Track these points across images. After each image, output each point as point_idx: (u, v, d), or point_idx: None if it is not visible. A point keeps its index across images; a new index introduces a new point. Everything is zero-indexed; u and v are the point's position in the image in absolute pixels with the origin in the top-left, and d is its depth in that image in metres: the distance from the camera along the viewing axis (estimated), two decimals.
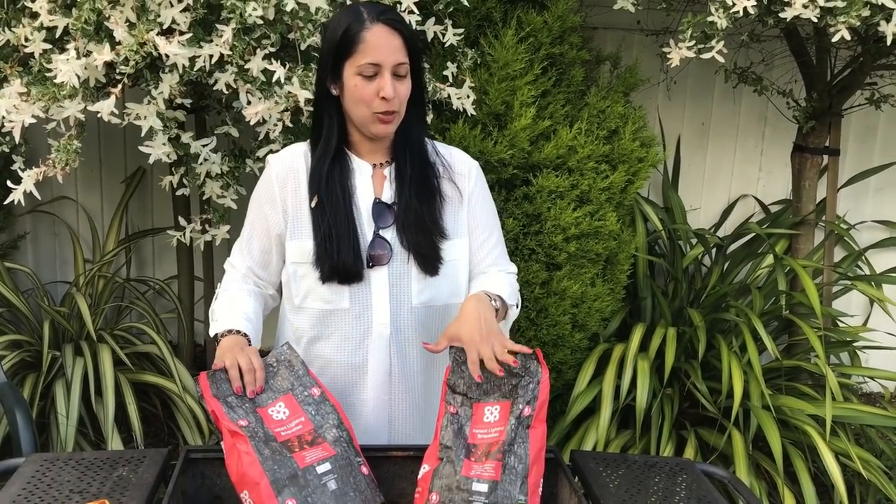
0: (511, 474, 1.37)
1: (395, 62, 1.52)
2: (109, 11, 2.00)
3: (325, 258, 1.59)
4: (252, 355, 1.46)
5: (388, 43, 1.52)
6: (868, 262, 3.52)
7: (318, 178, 1.61)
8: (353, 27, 1.52)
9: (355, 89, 1.54)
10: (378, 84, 1.52)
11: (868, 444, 2.98)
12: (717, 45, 2.34)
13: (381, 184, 1.65)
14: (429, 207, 1.64)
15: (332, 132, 1.62)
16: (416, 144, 1.66)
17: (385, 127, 1.57)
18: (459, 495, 1.35)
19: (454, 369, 1.44)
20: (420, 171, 1.64)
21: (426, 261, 1.63)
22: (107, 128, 3.48)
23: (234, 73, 2.12)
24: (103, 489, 1.34)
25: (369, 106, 1.54)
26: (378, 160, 1.66)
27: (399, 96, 1.54)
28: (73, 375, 2.79)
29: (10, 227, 3.63)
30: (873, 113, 3.32)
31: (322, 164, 1.61)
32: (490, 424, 1.40)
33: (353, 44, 1.52)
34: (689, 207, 3.61)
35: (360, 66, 1.52)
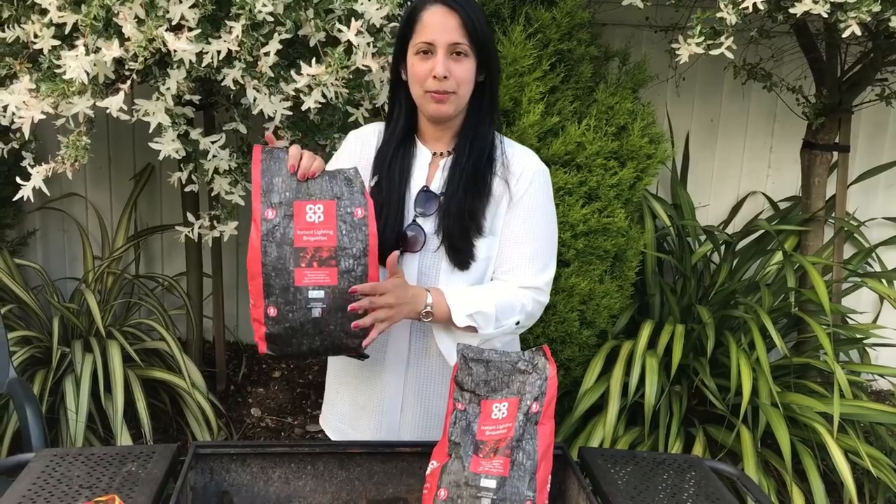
0: (519, 470, 1.37)
1: (448, 41, 1.53)
2: (118, 7, 2.00)
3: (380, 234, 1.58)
4: (316, 157, 1.46)
5: (443, 22, 1.53)
6: (878, 258, 3.51)
7: (382, 160, 1.64)
8: (416, 9, 1.56)
9: (412, 68, 1.57)
10: (431, 63, 1.54)
11: (878, 441, 2.97)
12: (726, 42, 2.33)
13: (433, 173, 1.66)
14: (472, 201, 1.63)
15: (400, 116, 1.64)
16: (478, 137, 1.64)
17: (438, 107, 1.56)
18: (468, 491, 1.35)
19: (462, 367, 1.44)
20: (474, 164, 1.64)
21: (457, 254, 1.63)
22: (116, 124, 3.49)
23: (242, 69, 2.12)
24: (113, 484, 1.34)
25: (423, 84, 1.55)
26: (440, 149, 1.66)
27: (454, 76, 1.54)
28: (82, 371, 2.81)
29: (19, 223, 3.64)
30: (884, 109, 3.31)
31: (388, 146, 1.64)
32: (498, 421, 1.40)
33: (414, 24, 1.56)
34: (697, 204, 3.60)
35: (416, 44, 1.55)
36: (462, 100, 1.58)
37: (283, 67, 2.23)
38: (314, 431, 3.32)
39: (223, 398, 3.40)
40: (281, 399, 3.51)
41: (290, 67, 2.24)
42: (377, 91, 2.29)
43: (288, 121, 2.37)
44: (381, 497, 1.53)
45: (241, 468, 1.49)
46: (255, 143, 1.67)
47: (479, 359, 1.43)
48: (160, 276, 3.55)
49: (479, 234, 1.63)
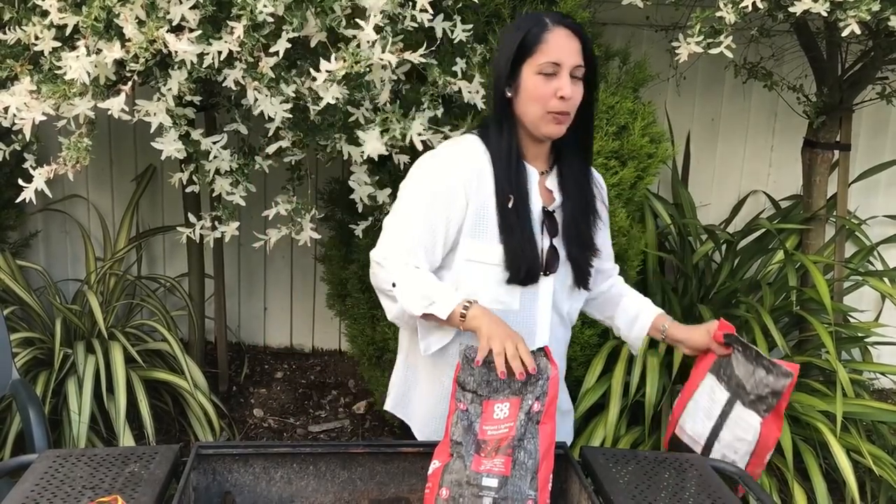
0: (521, 469, 1.37)
1: (573, 64, 1.57)
2: (119, 9, 2.01)
3: (522, 260, 1.62)
4: (518, 342, 1.44)
5: (569, 45, 1.57)
6: (880, 257, 3.50)
7: (510, 181, 1.63)
8: (535, 29, 1.58)
9: (534, 88, 1.58)
10: (556, 84, 1.56)
11: (880, 440, 2.96)
12: (725, 41, 2.33)
13: (545, 192, 1.69)
14: (587, 223, 1.72)
15: (511, 136, 1.65)
16: (582, 158, 1.71)
17: (557, 127, 1.60)
18: (469, 490, 1.35)
19: (464, 367, 1.44)
20: (583, 186, 1.70)
21: (582, 275, 1.72)
22: (117, 126, 3.49)
23: (243, 69, 2.12)
24: (115, 485, 1.35)
25: (544, 105, 1.57)
26: (541, 167, 1.69)
27: (574, 99, 1.58)
28: (84, 372, 2.81)
29: (21, 225, 3.65)
30: (884, 108, 3.30)
31: (510, 166, 1.64)
32: (500, 421, 1.40)
33: (535, 44, 1.57)
34: (699, 203, 3.60)
35: (540, 64, 1.57)
36: (570, 121, 1.62)
37: (284, 68, 2.23)
38: (316, 432, 3.33)
39: (225, 399, 3.40)
40: (283, 399, 3.52)
41: (290, 68, 2.25)
42: (377, 91, 2.29)
43: (289, 121, 2.37)
44: (382, 497, 1.53)
45: (243, 469, 1.49)
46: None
47: (482, 359, 1.43)
48: (162, 277, 3.55)
49: (595, 255, 1.75)
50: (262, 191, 3.28)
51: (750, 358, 1.69)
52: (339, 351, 3.88)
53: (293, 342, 3.90)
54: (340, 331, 3.79)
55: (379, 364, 2.94)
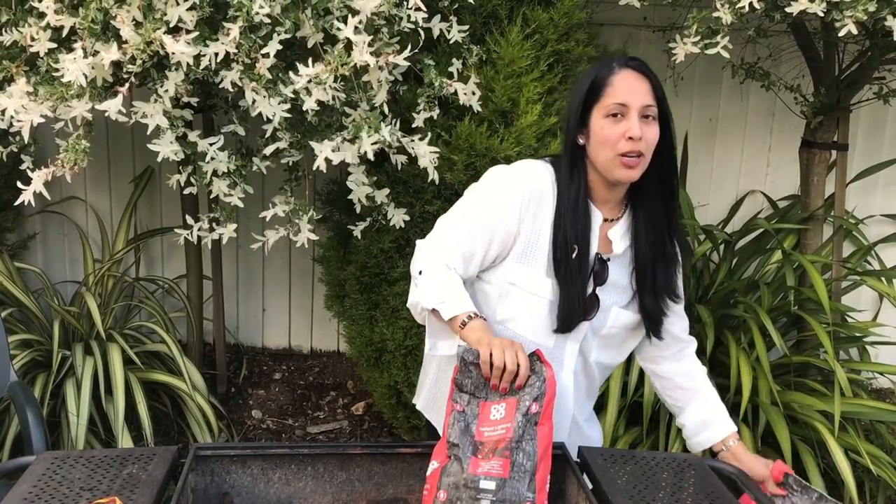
0: (519, 471, 1.37)
1: (642, 104, 1.54)
2: (116, 10, 2.01)
3: (571, 312, 1.61)
4: (519, 352, 1.43)
5: (636, 85, 1.55)
6: (877, 256, 3.51)
7: (576, 231, 1.61)
8: (602, 73, 1.57)
9: (601, 131, 1.55)
10: (625, 125, 1.54)
11: (878, 439, 2.97)
12: (722, 41, 2.33)
13: (604, 239, 1.66)
14: (663, 269, 1.67)
15: (580, 183, 1.62)
16: (663, 201, 1.65)
17: (628, 172, 1.56)
18: (467, 493, 1.35)
19: (461, 369, 1.44)
20: (661, 231, 1.65)
21: (655, 325, 1.70)
22: (115, 127, 3.49)
23: (241, 71, 2.13)
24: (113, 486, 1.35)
25: (614, 148, 1.54)
26: (609, 214, 1.66)
27: (646, 139, 1.54)
28: (83, 374, 2.81)
29: (19, 227, 3.65)
30: (882, 108, 3.31)
31: (576, 214, 1.61)
32: (496, 422, 1.40)
33: (602, 87, 1.56)
34: (696, 203, 3.60)
35: (607, 107, 1.55)
36: (646, 164, 1.58)
37: (282, 69, 2.23)
38: (315, 433, 3.32)
39: (224, 400, 3.40)
40: (282, 401, 3.52)
41: (288, 69, 2.25)
42: (374, 92, 2.30)
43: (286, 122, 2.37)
44: (381, 498, 1.53)
45: (241, 470, 1.49)
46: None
47: (478, 362, 1.43)
48: (160, 278, 3.55)
49: (676, 303, 1.72)
50: (260, 192, 3.28)
51: (811, 499, 1.67)
52: (337, 352, 3.88)
53: (291, 343, 3.89)
54: (339, 332, 3.79)
55: (377, 365, 2.94)
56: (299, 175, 2.63)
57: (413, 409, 2.80)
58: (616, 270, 1.67)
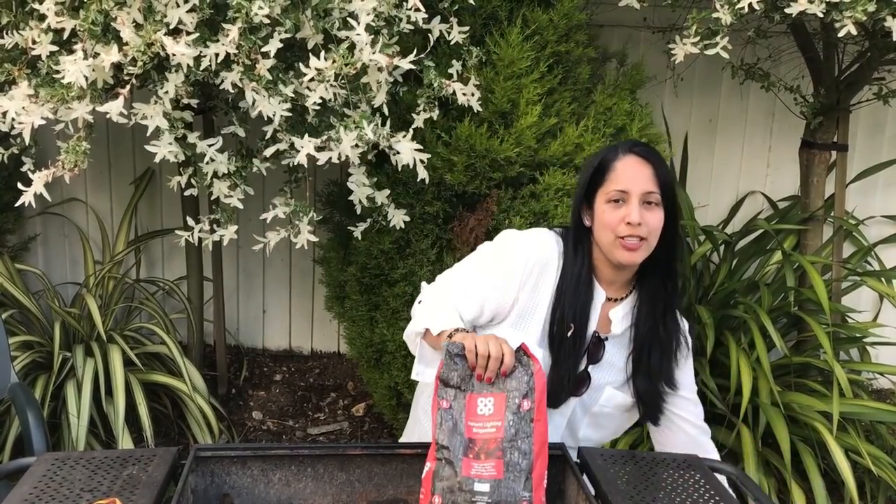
0: (514, 471, 1.37)
1: (643, 190, 1.56)
2: (116, 12, 2.01)
3: (560, 388, 1.63)
4: (503, 343, 1.43)
5: (638, 172, 1.57)
6: (877, 257, 3.51)
7: (574, 308, 1.63)
8: (607, 158, 1.61)
9: (603, 215, 1.59)
10: (625, 210, 1.56)
11: (878, 440, 2.97)
12: (721, 41, 2.34)
13: (605, 318, 1.67)
14: (667, 360, 1.68)
15: (584, 263, 1.64)
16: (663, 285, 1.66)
17: (629, 254, 1.58)
18: (462, 496, 1.35)
19: (447, 363, 1.42)
20: (660, 315, 1.66)
21: (651, 410, 1.70)
22: (115, 129, 3.49)
23: (241, 72, 2.13)
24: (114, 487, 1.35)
25: (614, 231, 1.57)
26: (613, 294, 1.68)
27: (647, 224, 1.57)
28: (83, 376, 2.81)
29: (20, 228, 3.65)
30: (882, 108, 3.31)
31: (578, 292, 1.63)
32: (485, 418, 1.39)
33: (606, 172, 1.60)
34: (696, 204, 3.60)
35: (608, 192, 1.58)
36: (650, 248, 1.60)
37: (282, 70, 2.23)
38: (315, 434, 3.33)
39: (224, 401, 3.40)
40: (282, 402, 3.52)
41: (288, 70, 2.25)
42: (374, 93, 2.30)
43: (286, 123, 2.37)
44: (381, 499, 1.53)
45: (241, 471, 1.50)
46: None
47: (464, 354, 1.41)
48: (161, 280, 3.55)
49: (673, 390, 1.70)
50: (261, 193, 3.29)
51: None
52: (337, 353, 3.88)
53: (292, 345, 3.90)
54: (339, 333, 3.79)
55: (377, 366, 2.94)
56: (299, 176, 2.63)
57: None
58: (613, 350, 1.69)
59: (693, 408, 1.76)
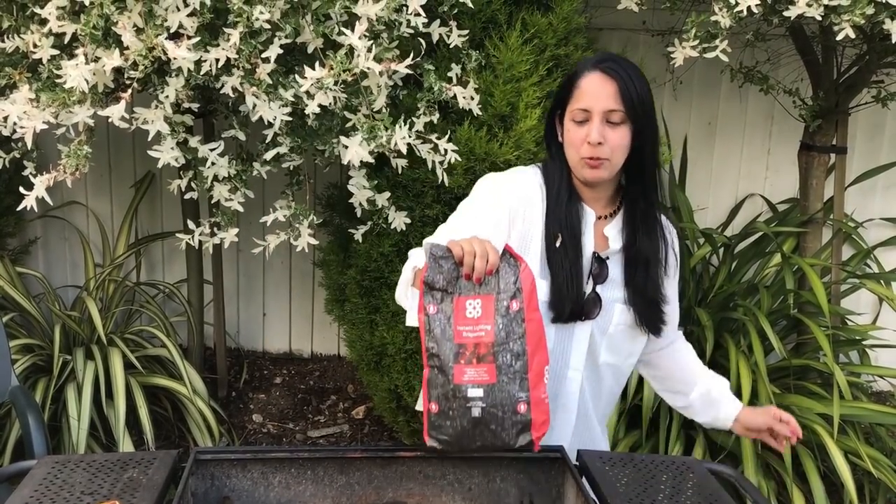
0: (508, 373, 1.36)
1: (604, 108, 1.54)
2: (117, 17, 2.02)
3: (567, 300, 1.60)
4: (488, 244, 1.39)
5: (601, 89, 1.54)
6: (876, 260, 3.51)
7: (560, 219, 1.62)
8: (575, 74, 1.58)
9: (568, 134, 1.58)
10: (587, 129, 1.54)
11: (878, 442, 2.97)
12: (720, 45, 2.34)
13: (601, 237, 1.66)
14: (656, 274, 1.67)
15: (562, 176, 1.63)
16: (647, 200, 1.65)
17: (592, 172, 1.57)
18: (457, 402, 1.35)
19: (431, 266, 1.37)
20: (647, 233, 1.65)
21: (651, 324, 1.69)
22: (116, 133, 3.50)
23: (241, 76, 2.14)
24: (114, 490, 1.35)
25: (578, 151, 1.56)
26: (600, 211, 1.66)
27: (609, 143, 1.54)
28: (84, 379, 2.82)
29: (21, 232, 3.66)
30: (880, 111, 3.32)
31: (560, 204, 1.62)
32: (474, 321, 1.37)
33: (572, 90, 1.57)
34: (696, 207, 3.61)
35: (572, 111, 1.56)
36: (615, 166, 1.58)
37: (282, 74, 2.24)
38: (316, 437, 3.33)
39: (225, 404, 3.41)
40: (282, 405, 3.52)
41: (288, 74, 2.26)
42: (374, 97, 2.31)
43: (286, 126, 2.38)
44: (380, 501, 1.53)
45: (241, 474, 1.50)
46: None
47: (448, 255, 1.38)
48: (161, 283, 3.56)
49: (665, 303, 1.70)
50: (261, 196, 3.29)
51: None
52: (337, 356, 3.88)
53: (292, 347, 3.90)
54: (339, 336, 3.80)
55: (378, 369, 2.94)
56: (300, 179, 2.63)
57: (413, 412, 2.81)
58: (616, 268, 1.67)
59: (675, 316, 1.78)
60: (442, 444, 1.40)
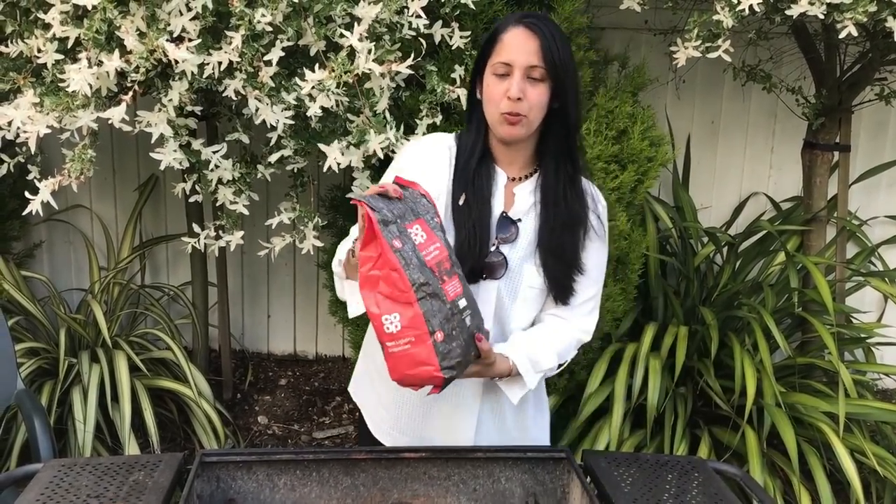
0: (463, 278, 1.44)
1: (526, 64, 1.52)
2: (120, 21, 2.03)
3: (468, 257, 1.58)
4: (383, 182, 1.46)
5: (523, 44, 1.52)
6: (881, 257, 3.51)
7: (466, 178, 1.61)
8: (499, 29, 1.56)
9: (488, 88, 1.56)
10: (507, 84, 1.53)
11: (884, 440, 2.96)
12: (723, 44, 2.34)
13: (510, 197, 1.65)
14: (572, 237, 1.63)
15: (478, 136, 1.63)
16: (566, 163, 1.63)
17: (509, 129, 1.56)
18: (456, 319, 1.38)
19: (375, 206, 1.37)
20: (564, 196, 1.63)
21: (560, 289, 1.65)
22: (120, 136, 3.51)
23: (244, 79, 2.14)
24: (120, 493, 1.36)
25: (497, 106, 1.54)
26: (514, 173, 1.65)
27: (528, 100, 1.53)
28: (89, 382, 2.82)
29: (25, 235, 3.67)
30: (884, 108, 3.31)
31: (468, 164, 1.62)
32: (425, 244, 1.40)
33: (494, 44, 1.55)
34: (699, 206, 3.60)
35: (493, 65, 1.55)
36: (532, 124, 1.57)
37: (284, 77, 2.25)
38: (321, 438, 3.33)
39: (230, 406, 3.41)
40: (287, 406, 3.53)
41: (290, 77, 2.26)
42: (377, 99, 2.31)
43: (290, 129, 2.38)
44: (386, 502, 1.54)
45: (246, 476, 1.50)
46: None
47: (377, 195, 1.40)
48: (166, 285, 3.57)
49: (581, 273, 1.65)
50: (265, 199, 3.30)
51: None
52: (342, 357, 3.89)
53: (297, 349, 3.91)
54: (344, 337, 3.80)
55: None
56: (304, 182, 2.64)
57: None
58: (528, 229, 1.64)
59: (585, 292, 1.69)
60: (456, 371, 1.40)
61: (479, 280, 1.61)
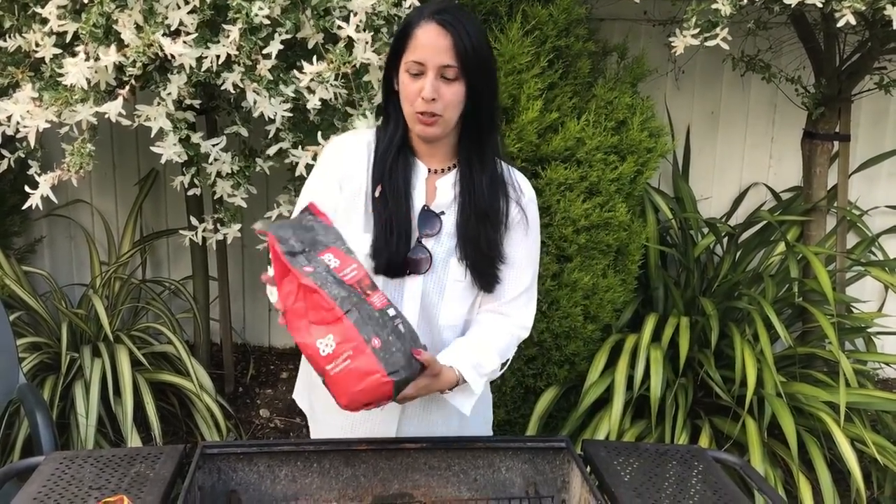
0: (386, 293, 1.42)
1: (439, 63, 1.48)
2: (117, 15, 2.02)
3: (384, 250, 1.56)
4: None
5: (435, 42, 1.48)
6: (881, 247, 3.51)
7: (382, 170, 1.58)
8: (411, 23, 1.51)
9: (403, 86, 1.53)
10: (421, 84, 1.49)
11: (884, 430, 2.97)
12: (721, 33, 2.34)
13: (432, 191, 1.62)
14: (490, 229, 1.61)
15: (397, 128, 1.60)
16: (484, 157, 1.61)
17: (425, 129, 1.53)
18: (389, 326, 1.35)
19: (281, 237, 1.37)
20: (485, 188, 1.60)
21: (484, 279, 1.62)
22: (119, 131, 3.51)
23: (242, 72, 2.14)
24: (121, 485, 1.36)
25: (412, 104, 1.51)
26: (435, 165, 1.63)
27: (443, 99, 1.49)
28: (91, 376, 2.83)
29: (26, 231, 3.67)
30: (884, 98, 3.31)
31: (387, 156, 1.59)
32: (341, 266, 1.37)
33: (406, 40, 1.51)
34: (699, 197, 3.60)
35: (407, 63, 1.51)
36: (449, 122, 1.54)
37: (283, 70, 2.25)
38: None
39: (232, 400, 3.42)
40: (289, 399, 3.53)
41: (289, 70, 2.26)
42: (375, 91, 2.31)
43: (288, 122, 2.38)
44: (386, 493, 1.54)
45: (247, 467, 1.51)
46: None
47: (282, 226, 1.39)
48: (166, 280, 3.57)
49: (502, 262, 1.63)
50: (264, 192, 3.30)
51: None
52: None
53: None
54: None
55: None
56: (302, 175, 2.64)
57: None
58: (451, 223, 1.62)
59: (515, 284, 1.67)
60: (406, 375, 1.35)
61: (404, 276, 1.59)
